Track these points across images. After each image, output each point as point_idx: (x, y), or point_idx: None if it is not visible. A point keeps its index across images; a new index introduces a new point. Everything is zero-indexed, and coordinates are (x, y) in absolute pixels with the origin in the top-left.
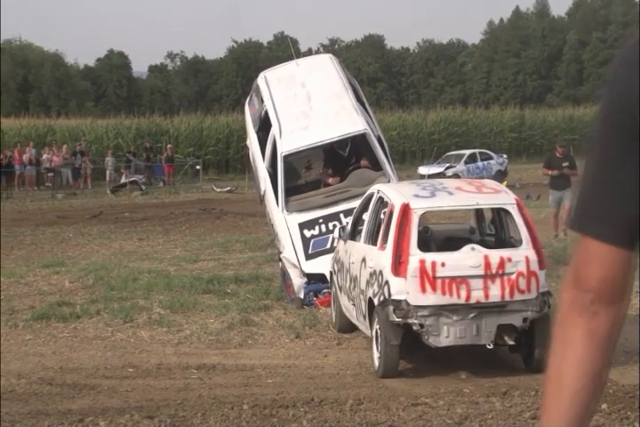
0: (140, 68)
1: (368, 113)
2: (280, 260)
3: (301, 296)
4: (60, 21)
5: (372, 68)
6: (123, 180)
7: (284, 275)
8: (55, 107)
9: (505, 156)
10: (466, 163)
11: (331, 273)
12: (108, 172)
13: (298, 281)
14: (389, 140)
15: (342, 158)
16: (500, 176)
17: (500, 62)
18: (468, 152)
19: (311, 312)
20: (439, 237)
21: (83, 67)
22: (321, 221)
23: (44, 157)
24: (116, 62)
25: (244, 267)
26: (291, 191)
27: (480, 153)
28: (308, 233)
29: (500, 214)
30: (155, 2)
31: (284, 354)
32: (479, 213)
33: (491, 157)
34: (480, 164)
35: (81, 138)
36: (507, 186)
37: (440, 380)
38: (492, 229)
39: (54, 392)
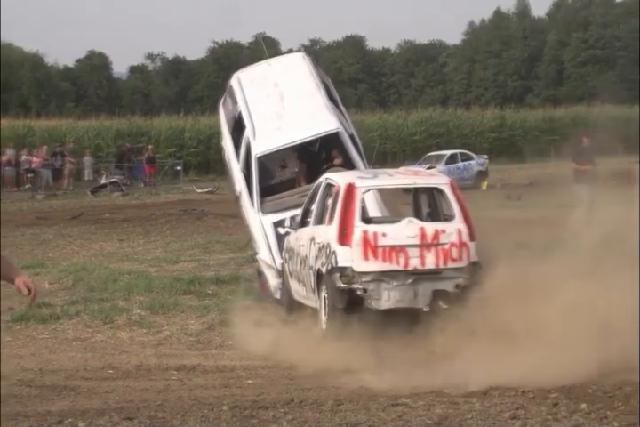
0: (120, 68)
1: (341, 111)
2: (256, 260)
3: (277, 296)
4: (40, 22)
5: (353, 69)
6: (103, 180)
7: (261, 275)
8: (35, 108)
9: (486, 156)
10: (446, 163)
11: (282, 264)
12: (85, 171)
13: (274, 282)
14: (370, 140)
15: (316, 157)
16: (480, 177)
17: (480, 63)
18: (448, 153)
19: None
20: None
21: (63, 67)
22: None
23: (24, 157)
24: (96, 63)
25: (225, 268)
26: (266, 191)
27: (461, 154)
28: (282, 231)
29: (434, 194)
30: (135, 2)
31: (264, 355)
32: (417, 193)
33: (471, 158)
34: (461, 164)
35: (69, 139)
36: (488, 186)
37: (419, 380)
38: (428, 206)
39: (33, 394)
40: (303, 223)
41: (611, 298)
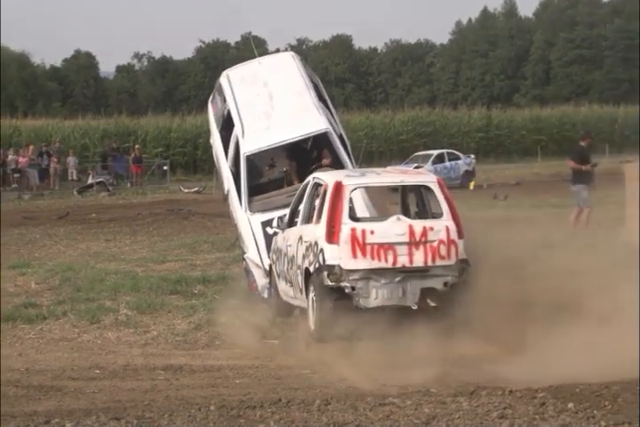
0: (107, 68)
1: (330, 111)
2: (244, 260)
3: (265, 296)
4: (26, 21)
5: (340, 69)
6: (90, 180)
7: (249, 274)
8: (22, 107)
9: (472, 156)
10: (433, 163)
11: (270, 266)
12: (70, 171)
13: (262, 281)
14: (357, 140)
15: (306, 157)
16: (467, 176)
17: (467, 62)
18: (435, 152)
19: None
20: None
21: (49, 67)
22: None
23: (10, 157)
24: (83, 63)
25: (212, 267)
26: (254, 190)
27: (448, 153)
28: (270, 231)
29: (422, 191)
30: (121, 2)
31: (252, 355)
32: (405, 191)
33: (458, 158)
34: (448, 164)
35: (55, 139)
36: (474, 186)
37: (407, 380)
38: (416, 204)
39: (20, 394)
40: (291, 224)
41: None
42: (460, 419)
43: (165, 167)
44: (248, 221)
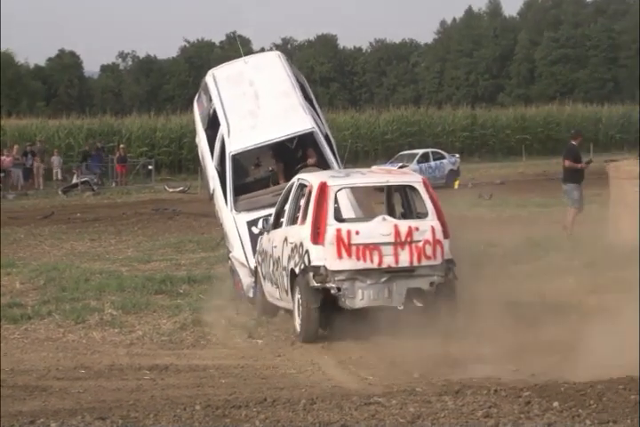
0: (91, 67)
1: (316, 111)
2: (229, 259)
3: (250, 295)
4: (10, 20)
5: (325, 68)
6: (74, 180)
7: (234, 274)
8: (6, 107)
9: (457, 155)
10: (418, 162)
11: (255, 267)
12: (54, 171)
13: (247, 280)
14: (342, 139)
15: (292, 156)
16: (452, 175)
17: (452, 62)
18: (420, 152)
19: None
20: None
21: (33, 66)
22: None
23: None
24: (67, 62)
25: (197, 267)
26: (240, 189)
27: (433, 152)
28: (256, 230)
29: (407, 192)
30: (106, 1)
31: (237, 354)
32: (390, 191)
33: (443, 157)
34: (432, 163)
35: (38, 138)
36: (459, 185)
37: (393, 379)
38: (401, 204)
39: (5, 394)
40: (276, 225)
41: None
42: (446, 418)
43: (150, 167)
44: (234, 221)
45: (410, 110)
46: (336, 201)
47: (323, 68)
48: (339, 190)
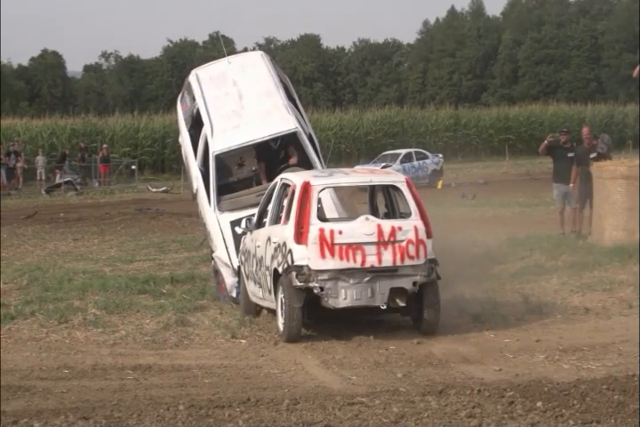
0: (74, 67)
1: (299, 110)
2: (212, 259)
3: (234, 295)
4: None
5: (309, 68)
6: (57, 180)
7: (217, 274)
8: None
9: (440, 155)
10: (402, 162)
11: (239, 267)
12: (38, 171)
13: (230, 280)
14: (326, 139)
15: (275, 156)
16: (435, 175)
17: (435, 62)
18: (403, 151)
19: None
20: None
21: (16, 66)
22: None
23: None
24: (50, 62)
25: (180, 267)
26: (223, 189)
27: (416, 152)
28: (239, 230)
29: (391, 191)
30: (89, 1)
31: (221, 354)
32: (373, 191)
33: (426, 157)
34: (416, 163)
35: (14, 138)
36: (443, 185)
37: (376, 379)
38: (384, 204)
39: None
40: (259, 225)
41: None
42: (429, 418)
43: (133, 167)
44: (217, 221)
45: (393, 110)
46: (319, 201)
47: (306, 68)
48: (322, 190)
